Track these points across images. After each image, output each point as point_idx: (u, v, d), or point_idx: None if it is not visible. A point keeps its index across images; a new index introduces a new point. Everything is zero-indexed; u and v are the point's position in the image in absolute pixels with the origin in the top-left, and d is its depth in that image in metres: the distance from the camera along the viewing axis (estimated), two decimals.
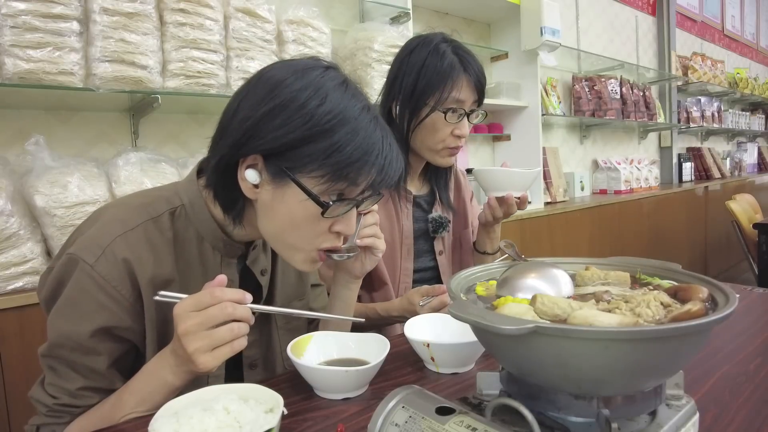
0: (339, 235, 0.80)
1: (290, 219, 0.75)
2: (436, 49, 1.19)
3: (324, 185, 0.72)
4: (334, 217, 0.76)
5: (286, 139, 0.71)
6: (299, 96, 0.71)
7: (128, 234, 0.78)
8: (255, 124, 0.72)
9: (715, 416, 0.71)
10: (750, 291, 1.34)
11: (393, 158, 0.77)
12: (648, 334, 0.46)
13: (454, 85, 1.17)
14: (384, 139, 0.76)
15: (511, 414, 0.56)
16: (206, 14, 1.73)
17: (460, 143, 1.22)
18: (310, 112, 0.71)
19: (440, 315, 1.00)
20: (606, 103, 3.87)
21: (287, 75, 0.74)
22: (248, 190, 0.76)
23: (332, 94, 0.73)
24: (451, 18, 3.14)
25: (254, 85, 0.76)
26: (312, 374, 0.80)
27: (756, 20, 7.13)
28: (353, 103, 0.74)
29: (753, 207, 3.95)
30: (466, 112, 1.20)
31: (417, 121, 1.21)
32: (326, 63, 0.79)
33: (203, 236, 0.84)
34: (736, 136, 6.44)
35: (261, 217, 0.79)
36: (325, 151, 0.71)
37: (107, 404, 0.76)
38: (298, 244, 0.78)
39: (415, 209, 1.34)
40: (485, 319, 0.48)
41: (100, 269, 0.75)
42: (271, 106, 0.72)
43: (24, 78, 1.42)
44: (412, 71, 1.20)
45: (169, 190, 0.86)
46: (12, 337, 1.34)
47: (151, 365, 0.75)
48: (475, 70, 1.20)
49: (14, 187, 1.43)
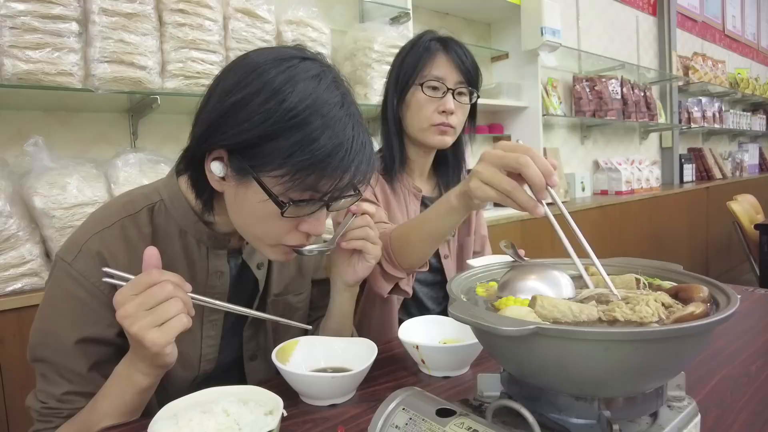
0: (307, 234, 0.78)
1: (254, 215, 0.74)
2: (420, 39, 1.24)
3: (285, 185, 0.69)
4: (298, 217, 0.74)
5: (246, 136, 0.68)
6: (263, 90, 0.68)
7: (104, 232, 0.78)
8: (218, 118, 0.70)
9: (717, 417, 0.70)
10: (751, 292, 1.33)
11: (362, 160, 0.72)
12: (649, 335, 0.46)
13: (433, 63, 1.20)
14: (355, 139, 0.71)
15: (512, 416, 0.55)
16: (205, 14, 1.73)
17: (446, 119, 1.21)
18: (272, 109, 0.67)
19: (440, 317, 0.99)
20: (607, 104, 3.87)
21: (259, 65, 0.70)
22: (215, 182, 0.75)
23: (300, 88, 0.69)
24: (451, 18, 3.13)
25: (229, 70, 0.74)
26: (297, 380, 0.78)
27: (757, 20, 7.13)
28: (324, 98, 0.70)
29: (754, 207, 3.95)
30: (449, 89, 1.21)
31: (403, 104, 1.24)
32: (307, 54, 0.75)
33: (186, 230, 0.84)
34: (737, 136, 6.44)
35: (228, 208, 0.78)
36: (287, 150, 0.67)
37: (85, 409, 0.76)
38: (264, 239, 0.78)
39: (423, 209, 1.34)
40: (486, 321, 0.48)
41: (78, 266, 0.76)
42: (234, 99, 0.69)
43: (23, 79, 1.42)
44: (397, 63, 1.26)
45: (149, 188, 0.86)
46: (10, 338, 1.33)
47: (119, 366, 0.74)
48: (456, 52, 1.21)
49: (13, 188, 1.43)
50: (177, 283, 0.69)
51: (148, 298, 0.67)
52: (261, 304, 0.96)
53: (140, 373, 0.72)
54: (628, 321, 0.53)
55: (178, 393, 0.70)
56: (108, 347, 0.79)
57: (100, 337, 0.77)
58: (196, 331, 0.87)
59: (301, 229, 0.77)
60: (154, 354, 0.68)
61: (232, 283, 0.90)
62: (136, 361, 0.71)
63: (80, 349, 0.76)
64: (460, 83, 1.22)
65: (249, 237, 0.81)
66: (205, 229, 0.84)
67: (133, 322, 0.66)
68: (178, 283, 0.70)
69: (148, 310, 0.67)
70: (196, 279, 0.85)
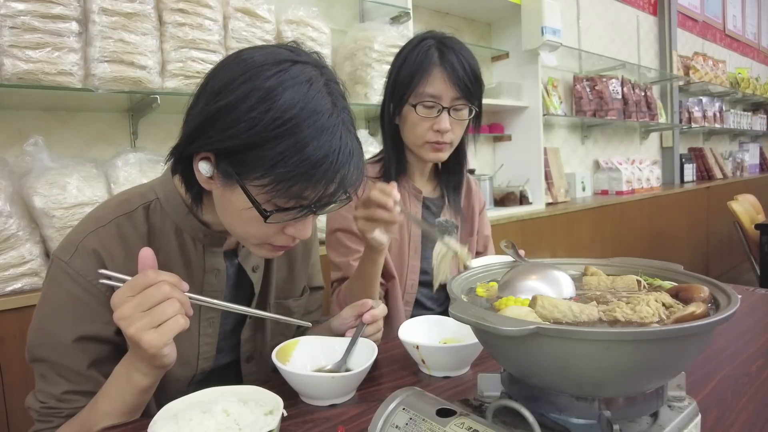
0: (292, 237, 0.78)
1: (239, 218, 0.74)
2: (419, 44, 1.20)
3: (270, 193, 0.68)
4: (282, 222, 0.74)
5: (231, 143, 0.68)
6: (250, 96, 0.67)
7: (100, 230, 0.78)
8: (205, 121, 0.70)
9: (717, 417, 0.70)
10: (752, 292, 1.33)
11: (349, 169, 0.71)
12: (649, 335, 0.46)
13: (427, 79, 1.17)
14: (342, 149, 0.69)
15: (512, 416, 0.55)
16: (205, 14, 1.73)
17: (442, 138, 1.20)
18: (257, 117, 0.66)
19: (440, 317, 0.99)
20: (607, 103, 3.86)
21: (248, 68, 0.69)
22: (203, 181, 0.75)
23: (288, 95, 0.67)
24: (451, 18, 3.13)
25: (220, 69, 0.73)
26: (297, 380, 0.78)
27: (757, 20, 7.13)
28: (313, 106, 0.68)
29: (755, 207, 3.94)
30: (444, 107, 1.18)
31: (399, 118, 1.24)
32: (301, 55, 0.73)
33: (181, 228, 0.84)
34: (737, 136, 6.44)
35: (216, 206, 0.78)
36: (271, 159, 0.66)
37: (85, 408, 0.76)
38: (250, 239, 0.78)
39: (424, 210, 1.34)
40: (486, 321, 0.48)
41: (75, 265, 0.76)
42: (221, 104, 0.68)
43: (23, 78, 1.42)
44: (394, 70, 1.23)
45: (145, 186, 0.86)
46: (10, 338, 1.33)
47: (119, 366, 0.74)
48: (452, 64, 1.16)
49: (13, 188, 1.43)
50: (174, 283, 0.69)
51: (145, 299, 0.66)
52: (260, 308, 0.96)
53: (139, 373, 0.71)
54: (628, 321, 0.53)
55: (177, 392, 0.70)
56: (106, 345, 0.79)
57: (98, 335, 0.77)
58: (194, 329, 0.87)
59: (287, 232, 0.77)
60: (152, 355, 0.68)
61: (230, 285, 0.91)
62: (135, 362, 0.71)
63: (78, 347, 0.76)
64: (457, 99, 1.18)
65: (235, 235, 0.81)
66: (200, 226, 0.84)
67: (130, 324, 0.66)
68: (175, 283, 0.69)
69: (145, 312, 0.66)
70: (192, 277, 0.85)
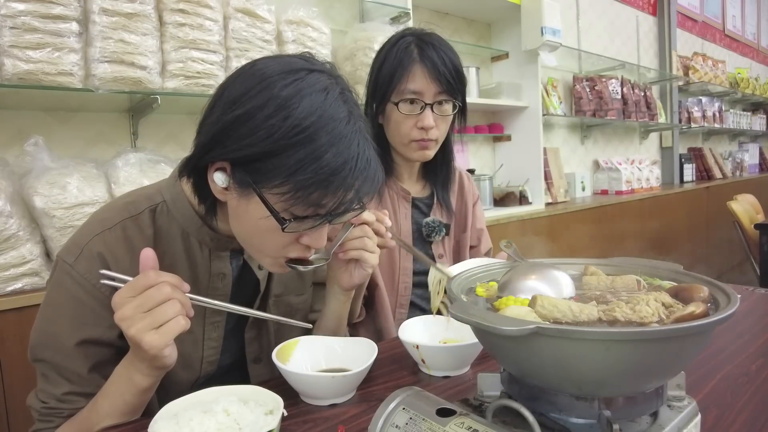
0: (308, 247, 0.78)
1: (255, 228, 0.74)
2: (398, 42, 1.19)
3: (288, 201, 0.68)
4: (300, 231, 0.74)
5: (249, 152, 0.68)
6: (268, 105, 0.67)
7: (105, 233, 0.78)
8: (221, 131, 0.69)
9: (717, 417, 0.71)
10: (752, 291, 1.33)
11: (367, 176, 0.71)
12: (649, 335, 0.46)
13: (408, 76, 1.15)
14: (360, 156, 0.70)
15: (512, 415, 0.55)
16: (205, 14, 1.73)
17: (427, 135, 1.19)
18: (276, 124, 0.66)
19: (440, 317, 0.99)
20: (607, 103, 3.86)
21: (265, 77, 0.69)
22: (217, 192, 0.74)
23: (306, 103, 0.67)
24: (451, 18, 3.13)
25: (236, 78, 0.73)
26: (297, 380, 0.78)
27: (757, 20, 7.13)
28: (331, 114, 0.68)
29: (754, 207, 3.94)
30: (427, 104, 1.17)
31: (382, 117, 1.22)
32: (315, 65, 0.74)
33: (188, 231, 0.83)
34: (737, 136, 6.43)
35: (230, 218, 0.78)
36: (290, 167, 0.66)
37: (86, 408, 0.76)
38: (264, 251, 0.77)
39: (414, 211, 1.32)
40: (486, 320, 0.48)
41: (79, 268, 0.76)
42: (238, 113, 0.68)
43: (23, 79, 1.42)
44: (375, 69, 1.22)
45: (152, 188, 0.86)
46: (11, 338, 1.33)
47: (120, 367, 0.74)
48: (432, 60, 1.14)
49: (13, 188, 1.43)
50: (175, 284, 0.69)
51: (146, 300, 0.66)
52: (262, 305, 0.96)
53: (140, 373, 0.72)
54: (628, 321, 0.53)
55: (180, 394, 0.70)
56: (109, 348, 0.79)
57: (100, 339, 0.77)
58: (198, 333, 0.87)
59: (302, 242, 0.76)
60: (153, 356, 0.68)
61: (233, 283, 0.90)
62: (136, 362, 0.71)
63: (81, 350, 0.76)
64: (439, 94, 1.17)
65: (248, 247, 0.80)
66: (207, 231, 0.84)
67: (130, 325, 0.66)
68: (176, 284, 0.69)
69: (146, 313, 0.66)
70: (198, 281, 0.85)
